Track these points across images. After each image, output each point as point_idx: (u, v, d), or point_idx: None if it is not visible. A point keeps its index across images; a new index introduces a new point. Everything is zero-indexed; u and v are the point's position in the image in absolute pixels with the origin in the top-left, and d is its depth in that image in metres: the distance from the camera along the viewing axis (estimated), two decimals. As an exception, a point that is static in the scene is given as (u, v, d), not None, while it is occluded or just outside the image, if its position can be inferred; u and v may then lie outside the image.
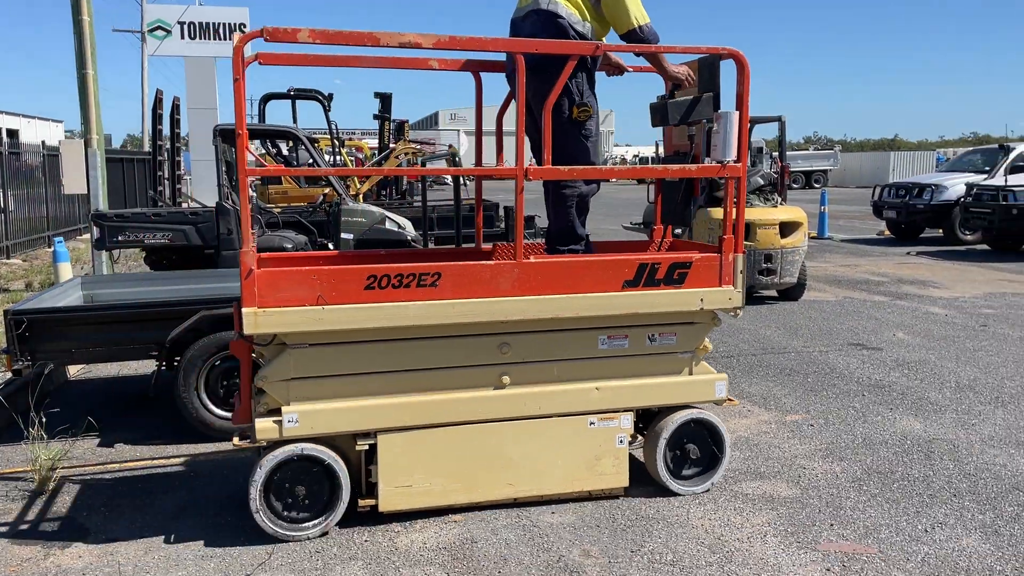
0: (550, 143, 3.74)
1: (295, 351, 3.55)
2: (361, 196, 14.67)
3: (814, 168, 40.59)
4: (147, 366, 5.72)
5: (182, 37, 20.04)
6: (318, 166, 9.61)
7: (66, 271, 7.81)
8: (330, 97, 13.71)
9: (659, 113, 4.24)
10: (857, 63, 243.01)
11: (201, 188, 18.59)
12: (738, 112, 3.81)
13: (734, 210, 3.91)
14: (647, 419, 4.21)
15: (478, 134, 4.58)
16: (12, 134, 36.50)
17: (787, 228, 8.95)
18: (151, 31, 20.37)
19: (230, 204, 7.57)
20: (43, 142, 16.71)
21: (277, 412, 3.58)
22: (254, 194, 12.26)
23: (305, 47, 3.62)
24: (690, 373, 4.08)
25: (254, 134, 9.43)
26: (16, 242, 14.21)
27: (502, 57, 4.20)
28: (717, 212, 8.54)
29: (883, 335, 7.69)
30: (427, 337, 3.69)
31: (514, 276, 3.69)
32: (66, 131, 47.16)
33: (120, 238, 7.60)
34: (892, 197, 16.35)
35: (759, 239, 8.86)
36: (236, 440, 3.73)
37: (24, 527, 3.84)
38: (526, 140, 3.81)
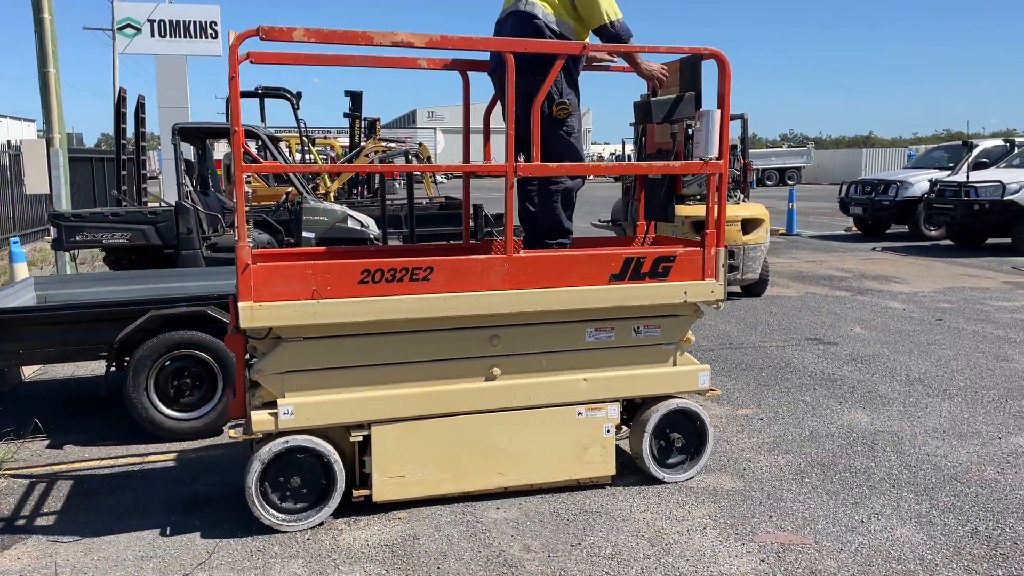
0: (539, 140, 3.81)
1: (290, 344, 3.60)
2: (332, 194, 14.64)
3: (787, 165, 41.00)
4: (102, 366, 5.68)
5: (152, 35, 19.81)
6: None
7: (22, 271, 7.73)
8: (298, 95, 13.65)
9: (642, 111, 4.32)
10: (834, 59, 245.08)
11: (172, 187, 18.43)
12: (720, 110, 3.91)
13: (716, 206, 4.00)
14: (632, 410, 4.30)
15: (465, 132, 4.63)
16: (-18, 133, 35.97)
17: (749, 225, 9.02)
18: (120, 29, 20.13)
19: (190, 203, 7.53)
20: (8, 141, 16.52)
21: (272, 405, 3.62)
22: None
23: (296, 46, 3.63)
24: (674, 364, 4.18)
25: (220, 133, 9.37)
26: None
27: (487, 56, 4.28)
28: (681, 209, 8.61)
29: (840, 330, 7.80)
30: (419, 330, 3.75)
31: (504, 270, 3.77)
32: (38, 130, 46.51)
33: (78, 238, 7.52)
34: (859, 194, 16.55)
35: (721, 236, 8.93)
36: (231, 432, 3.74)
37: (-35, 530, 3.81)
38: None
